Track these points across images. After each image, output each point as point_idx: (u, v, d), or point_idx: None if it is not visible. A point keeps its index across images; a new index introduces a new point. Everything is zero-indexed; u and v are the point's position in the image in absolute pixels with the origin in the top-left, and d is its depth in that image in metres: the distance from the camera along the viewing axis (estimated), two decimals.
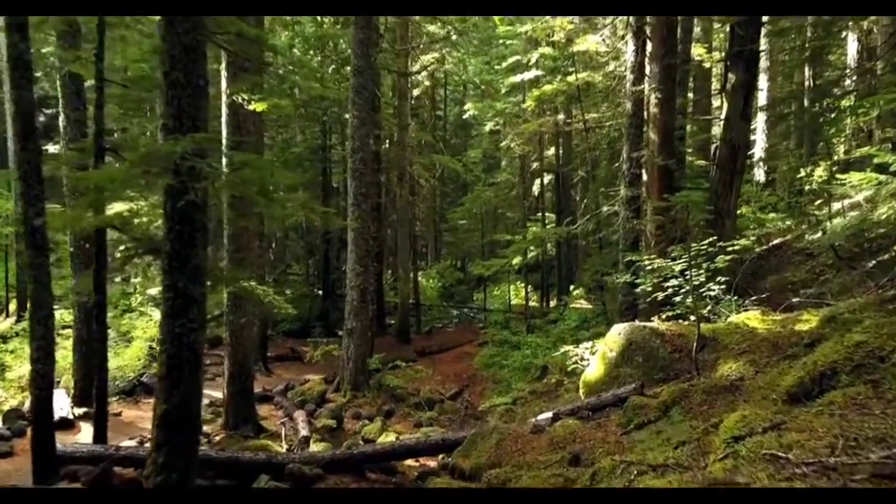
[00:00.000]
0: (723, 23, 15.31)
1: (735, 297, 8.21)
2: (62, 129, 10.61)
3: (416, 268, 23.72)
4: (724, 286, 7.63)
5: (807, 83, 19.99)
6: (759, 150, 19.73)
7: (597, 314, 17.05)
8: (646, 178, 11.60)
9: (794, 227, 14.71)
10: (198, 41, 5.21)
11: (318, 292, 24.59)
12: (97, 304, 7.63)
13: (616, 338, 7.41)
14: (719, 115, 19.22)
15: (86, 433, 10.28)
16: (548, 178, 24.00)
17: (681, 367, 6.73)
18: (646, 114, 11.63)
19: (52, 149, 15.53)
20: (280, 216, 11.21)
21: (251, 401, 10.49)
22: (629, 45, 12.13)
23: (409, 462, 7.89)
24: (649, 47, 11.31)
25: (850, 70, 17.59)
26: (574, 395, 10.30)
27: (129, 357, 13.71)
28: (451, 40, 22.51)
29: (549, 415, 7.46)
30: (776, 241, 13.84)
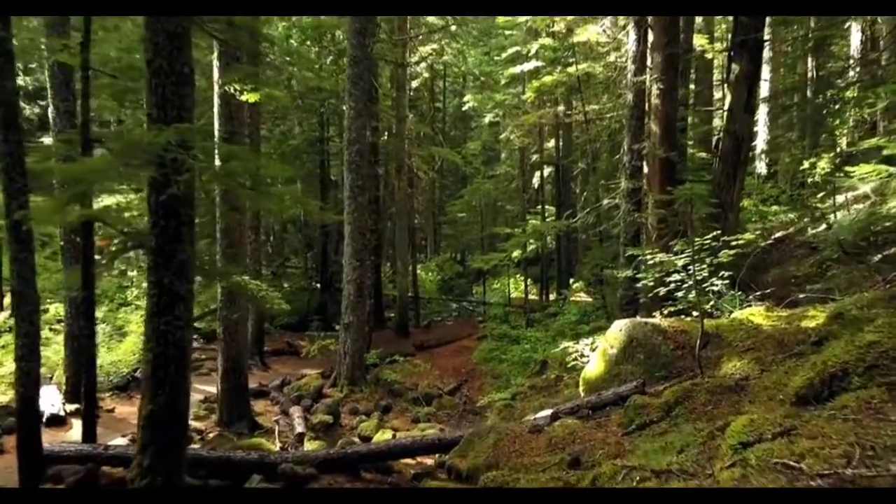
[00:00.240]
0: None
1: (739, 293, 8.03)
2: (52, 120, 10.40)
3: (414, 261, 23.55)
4: (727, 281, 7.44)
5: (810, 74, 19.75)
6: (760, 142, 19.52)
7: (596, 308, 16.88)
8: (647, 170, 11.41)
9: (797, 221, 14.52)
10: (182, 28, 5.00)
11: (317, 286, 24.42)
12: (84, 300, 7.44)
13: (617, 334, 7.23)
14: (721, 107, 19.03)
15: (78, 430, 10.09)
16: (548, 170, 23.79)
17: (683, 365, 6.56)
18: (647, 105, 11.43)
19: (48, 140, 15.31)
20: (276, 210, 11.03)
21: (246, 397, 10.33)
22: (630, 35, 11.91)
23: (406, 461, 7.73)
24: (651, 37, 11.10)
25: (854, 61, 17.35)
26: (574, 392, 10.13)
27: (124, 352, 13.53)
28: (449, 31, 22.26)
29: (549, 412, 7.29)
30: (778, 235, 13.66)
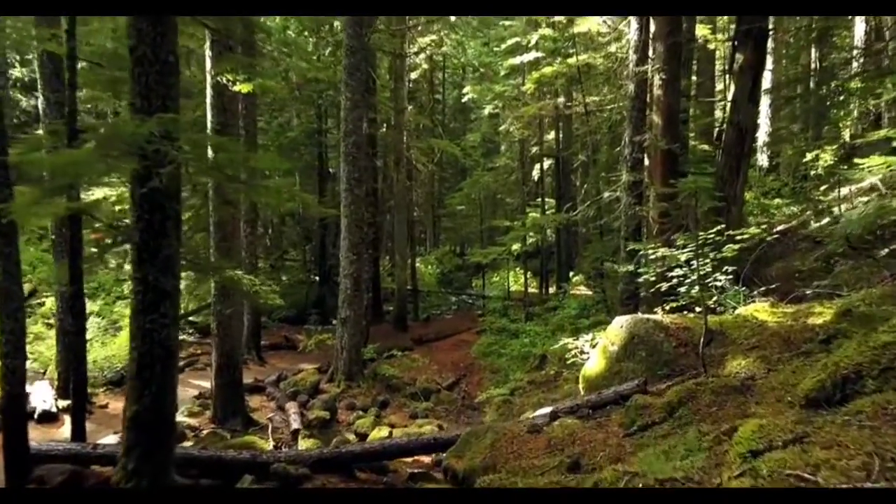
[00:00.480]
0: None
1: (743, 288, 7.85)
2: (41, 111, 10.20)
3: (413, 254, 23.37)
4: (731, 276, 7.26)
5: (813, 65, 19.52)
6: (762, 134, 19.30)
7: (597, 301, 16.72)
8: (648, 162, 11.21)
9: (800, 214, 14.34)
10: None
11: (315, 279, 24.25)
12: (73, 295, 7.26)
13: (618, 331, 7.05)
14: (723, 98, 18.80)
15: (70, 426, 9.99)
16: (547, 162, 23.56)
17: (686, 363, 6.38)
18: (649, 96, 11.21)
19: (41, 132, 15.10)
20: (273, 203, 10.80)
21: (240, 393, 10.17)
22: (632, 24, 11.66)
23: (404, 459, 7.57)
24: (653, 26, 10.86)
25: (858, 51, 17.12)
26: (573, 387, 9.97)
27: (119, 346, 13.35)
28: (449, 21, 21.97)
29: (548, 411, 7.12)
30: (780, 228, 13.46)
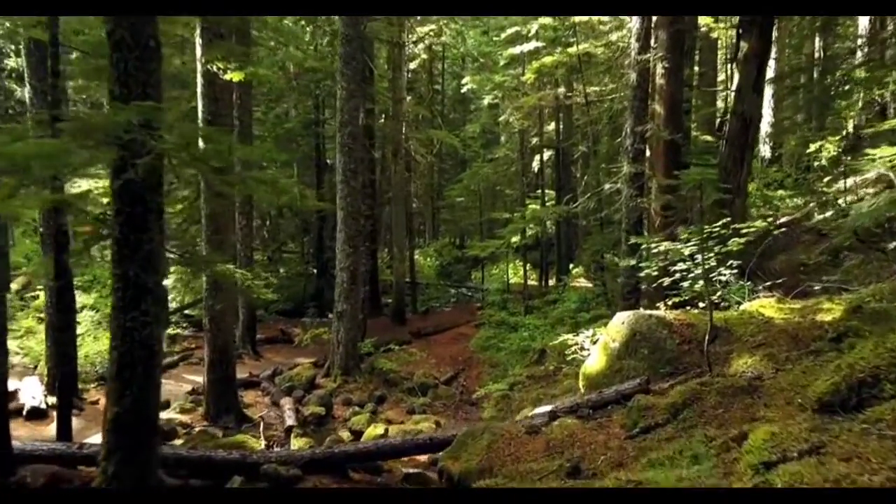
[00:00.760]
0: None
1: (748, 283, 7.63)
2: (28, 100, 9.96)
3: (412, 246, 23.16)
4: (735, 270, 7.05)
5: (817, 54, 19.24)
6: (765, 125, 19.02)
7: (597, 294, 16.51)
8: (650, 153, 10.98)
9: (804, 205, 14.12)
10: None
11: (313, 271, 24.03)
12: (59, 290, 7.05)
13: (619, 327, 6.83)
14: (726, 88, 18.52)
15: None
16: (547, 153, 23.30)
17: (690, 361, 6.17)
18: (651, 85, 10.96)
19: None
20: (265, 196, 10.60)
21: (233, 389, 9.98)
22: None
23: (400, 458, 7.39)
24: None
25: (863, 40, 16.84)
26: (573, 383, 9.77)
27: None
28: None
29: (547, 409, 6.92)
30: (783, 220, 13.24)
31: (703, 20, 14.02)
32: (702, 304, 7.05)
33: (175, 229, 20.43)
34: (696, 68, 17.36)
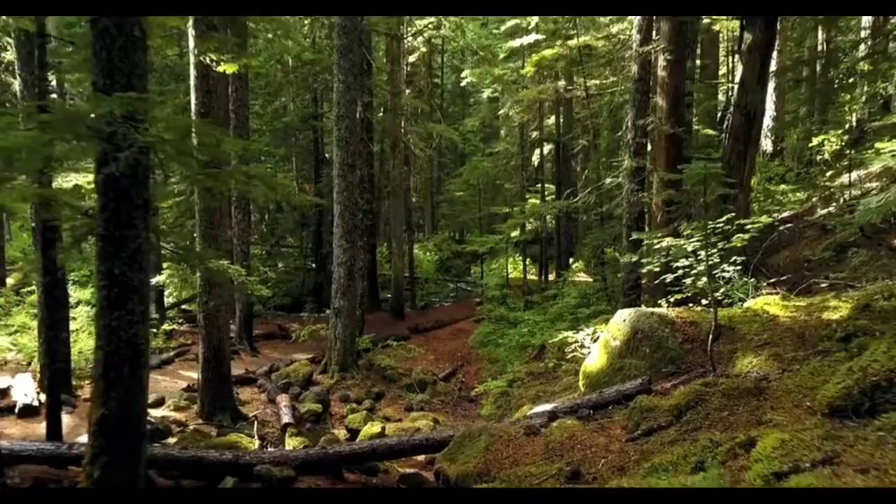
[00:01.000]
0: None
1: (751, 279, 7.47)
2: (19, 92, 9.78)
3: (411, 241, 23.00)
4: (739, 267, 6.89)
5: (820, 47, 19.02)
6: (767, 119, 18.83)
7: (597, 290, 16.37)
8: (652, 147, 10.81)
9: (807, 200, 13.96)
10: None
11: (312, 266, 23.87)
12: (47, 287, 6.89)
13: (620, 325, 6.68)
14: (728, 81, 18.32)
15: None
16: (547, 147, 23.13)
17: (693, 360, 6.01)
18: (653, 78, 10.78)
19: None
20: (256, 192, 10.38)
21: (228, 386, 9.82)
22: None
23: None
24: None
25: (867, 33, 16.64)
26: (572, 380, 9.63)
27: None
28: None
29: (547, 408, 6.78)
30: (785, 215, 13.08)
31: None
32: (704, 301, 6.90)
33: (172, 224, 20.33)
34: (698, 61, 17.17)
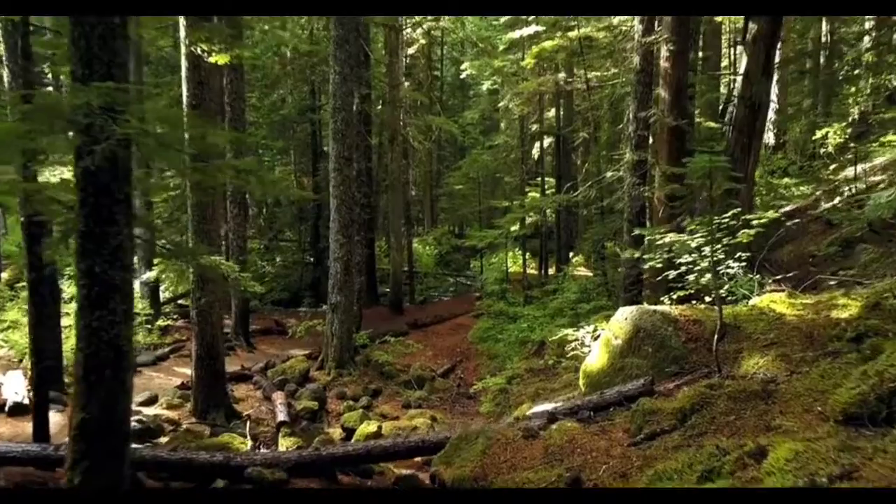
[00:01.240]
0: None
1: (756, 276, 7.28)
2: (6, 84, 9.56)
3: (410, 235, 22.80)
4: (744, 263, 6.70)
5: (824, 38, 18.79)
6: (769, 111, 18.63)
7: (598, 284, 16.19)
8: (654, 140, 10.59)
9: (811, 193, 13.77)
10: None
11: (310, 260, 23.69)
12: (32, 283, 6.71)
13: (622, 323, 6.49)
14: (732, 72, 18.04)
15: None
16: (548, 140, 22.89)
17: (697, 360, 5.83)
18: (655, 69, 10.56)
19: None
20: (247, 187, 10.17)
21: (222, 384, 9.65)
22: None
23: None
24: None
25: (871, 24, 16.41)
26: (572, 377, 9.45)
27: None
28: None
29: (546, 408, 6.61)
30: (788, 208, 12.88)
31: None
32: (708, 299, 6.72)
33: (167, 218, 20.13)
34: (700, 53, 16.93)
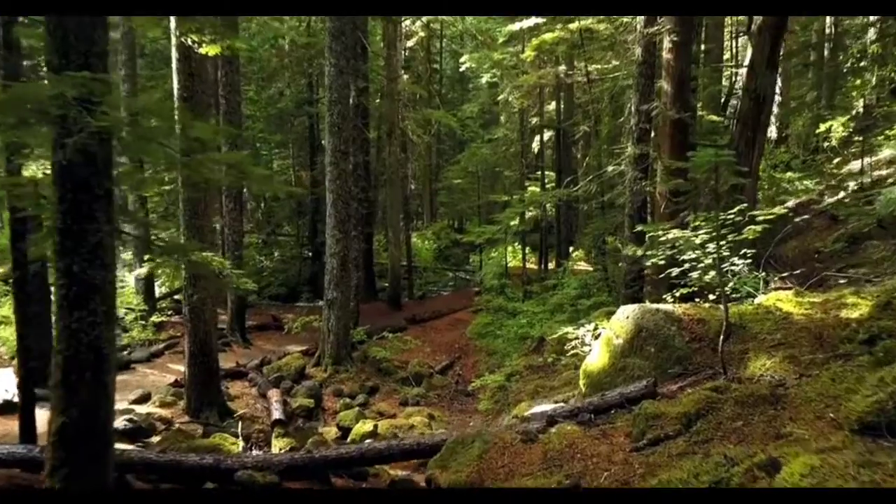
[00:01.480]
0: None
1: (762, 273, 7.09)
2: None
3: (408, 230, 22.58)
4: (749, 260, 6.51)
5: (828, 30, 18.54)
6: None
7: (598, 280, 16.01)
8: (656, 133, 10.39)
9: (814, 188, 13.57)
10: None
11: (309, 254, 23.50)
12: (17, 281, 6.52)
13: (623, 322, 6.30)
14: (735, 65, 17.83)
15: (34, 417, 9.30)
16: (548, 134, 22.67)
17: (701, 361, 5.65)
18: (657, 61, 10.35)
19: None
20: (237, 182, 9.98)
21: (216, 382, 9.48)
22: None
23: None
24: None
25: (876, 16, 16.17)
26: (571, 374, 9.28)
27: None
28: None
29: (546, 409, 6.44)
30: (791, 203, 12.69)
31: None
32: (712, 297, 6.53)
33: (163, 213, 19.93)
34: (703, 45, 16.70)
